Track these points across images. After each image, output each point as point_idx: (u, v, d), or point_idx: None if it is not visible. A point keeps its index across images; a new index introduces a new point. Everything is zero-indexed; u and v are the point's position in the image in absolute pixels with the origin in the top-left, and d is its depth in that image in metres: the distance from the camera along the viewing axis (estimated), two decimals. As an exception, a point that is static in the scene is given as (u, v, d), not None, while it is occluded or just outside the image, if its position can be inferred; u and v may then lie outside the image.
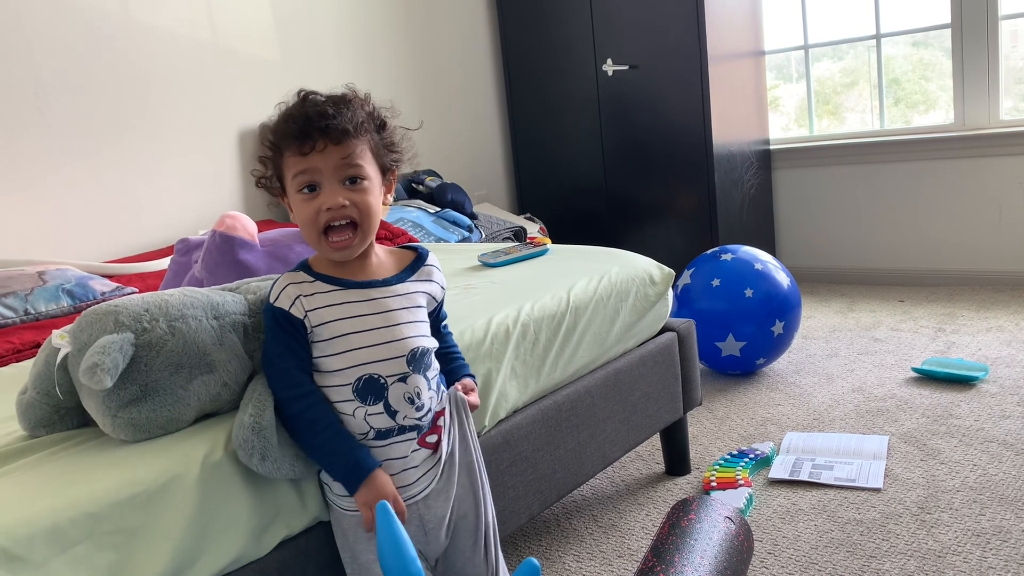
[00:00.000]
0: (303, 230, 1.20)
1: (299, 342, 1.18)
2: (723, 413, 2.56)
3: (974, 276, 3.70)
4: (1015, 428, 2.22)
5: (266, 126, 1.21)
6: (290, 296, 1.18)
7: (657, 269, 2.05)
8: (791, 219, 4.16)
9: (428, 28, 4.01)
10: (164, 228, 3.05)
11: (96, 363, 1.05)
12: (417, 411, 1.21)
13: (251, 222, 1.93)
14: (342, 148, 1.16)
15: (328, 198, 1.16)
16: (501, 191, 4.42)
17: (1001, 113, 3.56)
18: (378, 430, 1.19)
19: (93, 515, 1.00)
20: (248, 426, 1.13)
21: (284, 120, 1.18)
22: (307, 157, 1.16)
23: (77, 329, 1.15)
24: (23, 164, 2.70)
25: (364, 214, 1.19)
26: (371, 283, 1.22)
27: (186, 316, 1.17)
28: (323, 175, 1.17)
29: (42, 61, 2.73)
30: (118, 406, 1.11)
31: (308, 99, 1.19)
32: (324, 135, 1.15)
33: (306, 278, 1.20)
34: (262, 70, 3.37)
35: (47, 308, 2.17)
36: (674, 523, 1.57)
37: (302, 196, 1.18)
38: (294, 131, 1.16)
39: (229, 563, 1.13)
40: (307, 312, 1.17)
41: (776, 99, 4.27)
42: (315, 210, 1.17)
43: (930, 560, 1.68)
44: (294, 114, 1.17)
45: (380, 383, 1.19)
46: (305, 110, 1.17)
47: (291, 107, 1.19)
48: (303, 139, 1.15)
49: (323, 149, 1.15)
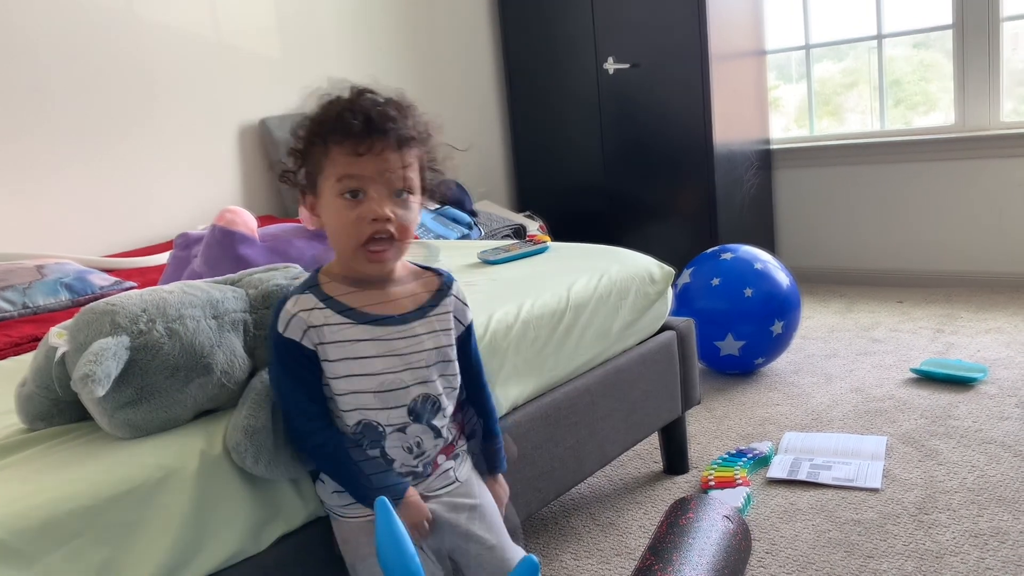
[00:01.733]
0: (338, 236, 1.10)
1: (311, 372, 1.12)
2: (722, 412, 2.56)
3: (974, 277, 3.70)
4: (1013, 429, 2.22)
5: (309, 117, 1.10)
6: (300, 327, 1.11)
7: (657, 268, 2.05)
8: (791, 219, 4.16)
9: (429, 25, 4.01)
10: (164, 223, 3.04)
11: (87, 373, 1.04)
12: (416, 459, 1.17)
13: (251, 217, 1.93)
14: (400, 157, 1.07)
15: (376, 209, 1.06)
16: (501, 189, 4.41)
17: (1002, 115, 3.56)
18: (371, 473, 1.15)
19: (91, 509, 1.00)
20: (241, 428, 1.12)
21: (340, 113, 1.07)
22: (360, 159, 1.06)
23: (75, 328, 1.14)
24: (25, 160, 2.69)
25: (404, 232, 1.10)
26: (386, 320, 1.13)
27: (184, 317, 1.15)
28: (373, 183, 1.07)
29: (45, 57, 2.72)
30: (114, 407, 1.10)
31: (367, 96, 1.10)
32: (385, 138, 1.06)
33: (316, 304, 1.11)
34: (263, 67, 3.37)
35: (45, 302, 2.16)
36: (672, 522, 1.57)
37: (344, 201, 1.07)
38: (354, 128, 1.05)
39: (227, 558, 1.13)
40: (317, 345, 1.11)
41: (777, 99, 4.27)
42: (358, 218, 1.07)
43: (928, 561, 1.68)
44: (353, 109, 1.07)
45: (378, 431, 1.14)
46: (366, 107, 1.07)
47: (347, 101, 1.09)
48: (361, 138, 1.05)
49: (380, 153, 1.06)
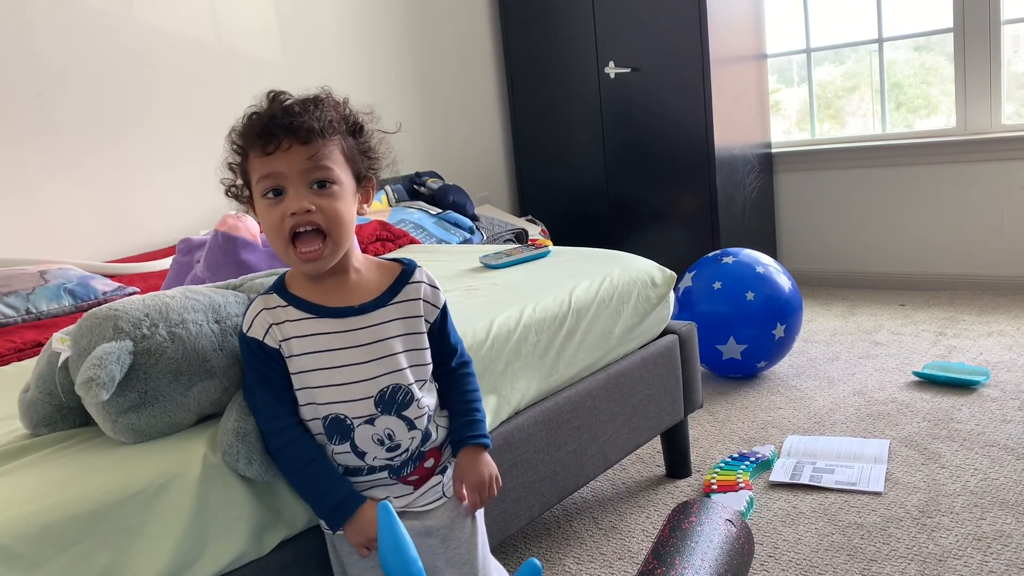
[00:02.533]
0: (270, 239, 1.12)
1: (276, 371, 1.12)
2: (724, 416, 2.56)
3: (975, 280, 3.70)
4: (1016, 432, 2.22)
5: (232, 128, 1.13)
6: (263, 325, 1.12)
7: (659, 271, 2.05)
8: (792, 222, 4.16)
9: (430, 29, 4.02)
10: (166, 228, 3.05)
11: (91, 377, 1.04)
12: (389, 452, 1.15)
13: (253, 222, 1.93)
14: (308, 148, 1.08)
15: (293, 202, 1.08)
16: (503, 193, 4.42)
17: (1003, 118, 3.56)
18: (346, 467, 1.16)
19: (94, 514, 1.00)
20: (232, 431, 1.12)
21: (248, 119, 1.11)
22: (271, 158, 1.08)
23: (77, 333, 1.14)
24: (26, 164, 2.70)
25: (333, 222, 1.10)
26: (346, 311, 1.14)
27: (186, 321, 1.16)
28: (288, 179, 1.08)
29: (46, 62, 2.73)
30: (118, 412, 1.11)
31: (276, 98, 1.12)
32: (289, 134, 1.07)
33: (279, 302, 1.14)
34: (265, 71, 3.37)
35: (48, 307, 2.17)
36: (675, 525, 1.57)
37: (267, 201, 1.10)
38: (258, 130, 1.08)
39: (229, 563, 1.13)
40: (280, 342, 1.12)
41: (778, 103, 4.28)
42: (280, 215, 1.08)
43: (931, 564, 1.68)
44: (259, 113, 1.10)
45: (346, 424, 1.13)
46: (271, 109, 1.10)
47: (259, 106, 1.12)
48: (267, 138, 1.07)
49: (288, 149, 1.07)
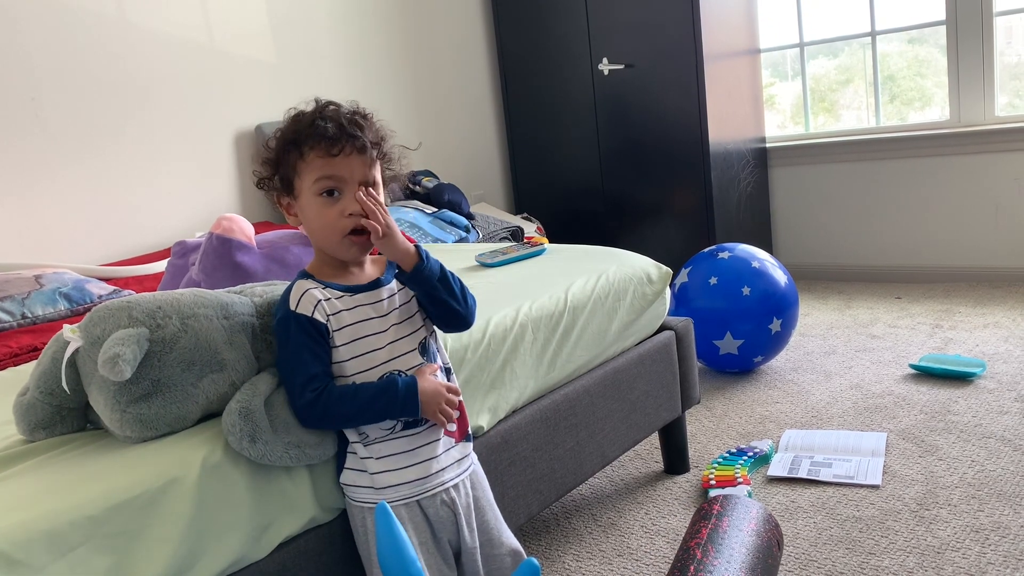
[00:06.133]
0: (320, 232, 1.24)
1: (323, 348, 1.21)
2: (721, 411, 2.57)
3: (971, 272, 3.70)
4: (1013, 424, 2.23)
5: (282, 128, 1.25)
6: (311, 301, 1.21)
7: (655, 268, 2.06)
8: (788, 217, 4.16)
9: (423, 28, 4.01)
10: (161, 230, 3.05)
11: (117, 353, 1.06)
12: None
13: (248, 224, 1.93)
14: (364, 158, 1.22)
15: (352, 204, 1.21)
16: (498, 191, 4.42)
17: (996, 109, 3.56)
18: (405, 422, 1.24)
19: (92, 518, 1.00)
20: (235, 411, 1.14)
21: (313, 121, 1.21)
22: (334, 160, 1.20)
23: (89, 323, 1.15)
24: (20, 168, 2.69)
25: None
26: (373, 284, 1.27)
27: (198, 315, 1.18)
28: (347, 183, 1.21)
29: (39, 64, 2.73)
30: (128, 401, 1.11)
31: (332, 107, 1.24)
32: (353, 143, 1.20)
33: (318, 284, 1.23)
34: (258, 73, 3.37)
35: (44, 312, 2.16)
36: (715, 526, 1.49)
37: (323, 199, 1.21)
38: (328, 133, 1.19)
39: (229, 565, 1.13)
40: (329, 316, 1.21)
41: (772, 97, 4.28)
42: (338, 213, 1.21)
43: (929, 556, 1.69)
44: (324, 117, 1.21)
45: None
46: (338, 116, 1.22)
47: (317, 111, 1.23)
48: (334, 142, 1.19)
49: (349, 155, 1.20)
